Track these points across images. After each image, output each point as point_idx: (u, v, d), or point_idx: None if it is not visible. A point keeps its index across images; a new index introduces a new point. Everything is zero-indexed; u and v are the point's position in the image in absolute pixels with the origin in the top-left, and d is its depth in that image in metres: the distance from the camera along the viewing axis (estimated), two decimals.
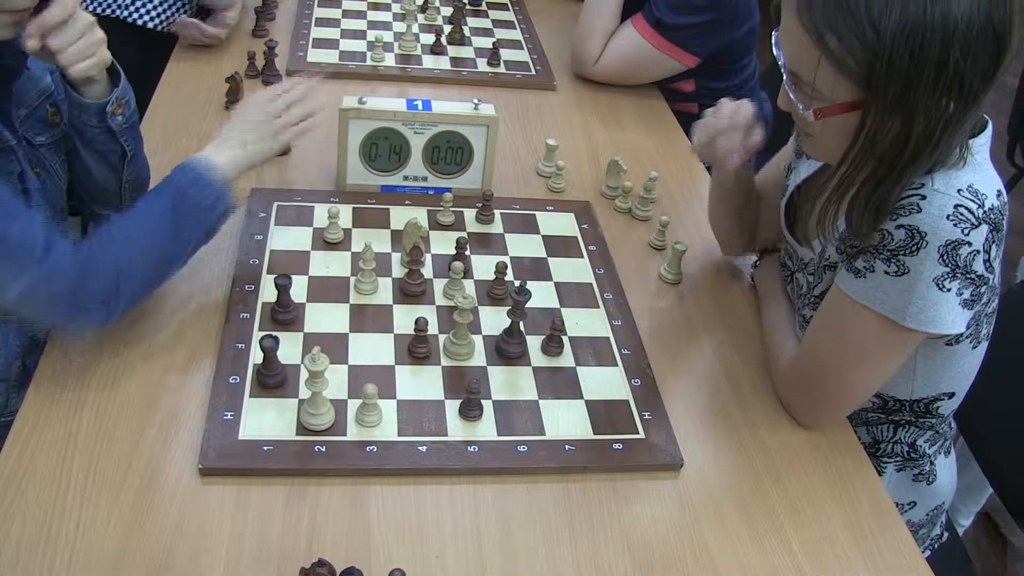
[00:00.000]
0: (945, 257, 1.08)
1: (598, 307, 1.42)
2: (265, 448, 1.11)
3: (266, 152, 1.37)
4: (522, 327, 1.32)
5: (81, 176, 1.37)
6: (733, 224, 1.51)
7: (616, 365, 1.31)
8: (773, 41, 1.15)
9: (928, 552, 1.43)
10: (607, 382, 1.28)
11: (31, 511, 1.02)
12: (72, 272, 1.11)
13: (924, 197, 1.08)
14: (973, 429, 1.60)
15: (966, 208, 1.07)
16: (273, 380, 1.19)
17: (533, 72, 2.13)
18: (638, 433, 1.21)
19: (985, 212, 1.08)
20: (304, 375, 1.16)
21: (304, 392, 1.17)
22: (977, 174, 1.11)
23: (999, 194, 1.12)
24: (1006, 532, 2.34)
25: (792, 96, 1.14)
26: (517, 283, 1.30)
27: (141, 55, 1.92)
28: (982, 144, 1.14)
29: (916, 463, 1.35)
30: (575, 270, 1.47)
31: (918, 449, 1.34)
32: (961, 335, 1.19)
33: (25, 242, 1.08)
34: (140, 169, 1.41)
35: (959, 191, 1.08)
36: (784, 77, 1.14)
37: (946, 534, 1.47)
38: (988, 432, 1.59)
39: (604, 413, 1.23)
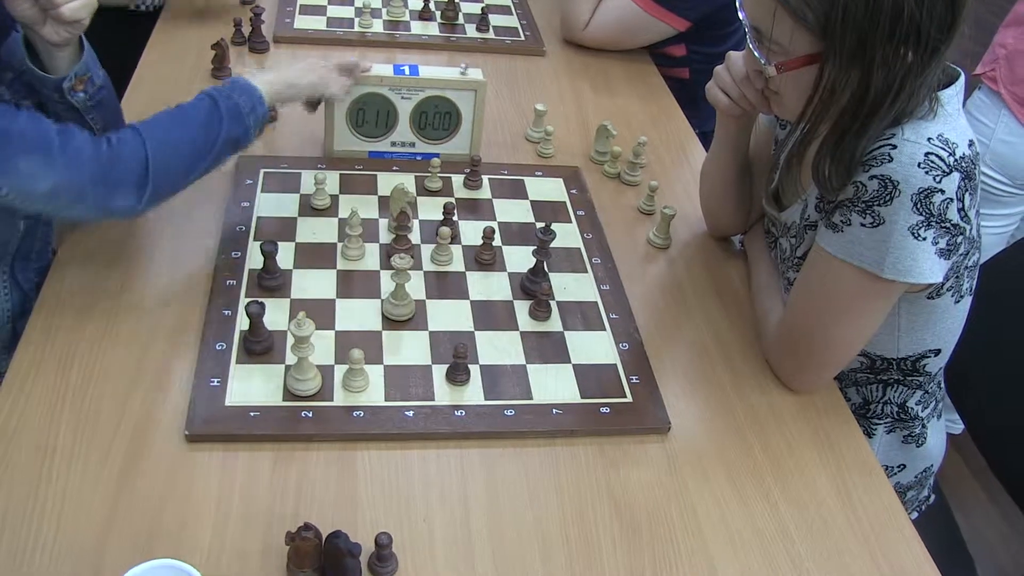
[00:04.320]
0: (919, 205, 1.08)
1: (586, 272, 1.41)
2: (252, 414, 1.11)
3: (307, 89, 1.44)
4: (546, 267, 1.34)
5: None
6: (730, 195, 1.48)
7: (604, 329, 1.31)
8: (738, 3, 1.17)
9: (915, 514, 1.44)
10: (595, 346, 1.28)
11: (17, 478, 1.02)
12: (96, 156, 1.14)
13: (895, 147, 1.09)
14: (960, 391, 1.60)
15: (937, 156, 1.08)
16: (260, 346, 1.19)
17: (522, 37, 2.11)
18: (626, 397, 1.21)
19: (956, 160, 1.09)
20: (290, 341, 1.16)
21: (290, 358, 1.16)
22: (947, 125, 1.11)
23: (971, 144, 1.12)
24: None
25: (756, 53, 1.16)
26: (542, 224, 1.36)
27: (130, 31, 1.91)
28: (951, 96, 1.15)
29: (907, 424, 1.35)
30: (563, 235, 1.46)
31: (909, 411, 1.34)
32: (941, 288, 1.20)
33: (39, 134, 1.11)
34: None
35: (929, 139, 1.09)
36: (748, 35, 1.16)
37: (933, 496, 1.47)
38: (976, 395, 1.60)
39: (592, 377, 1.23)
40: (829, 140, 1.14)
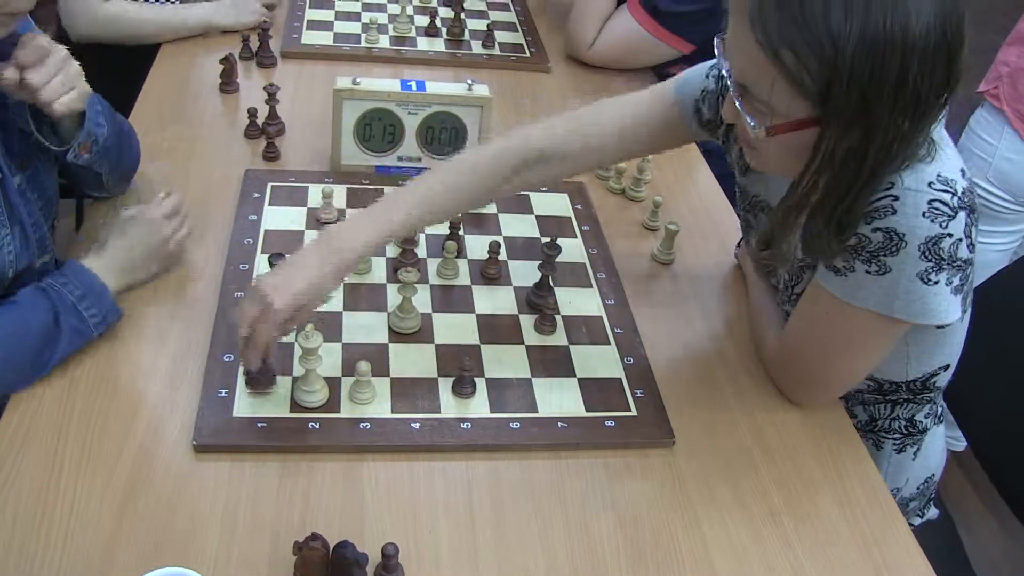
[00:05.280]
0: (927, 253, 1.06)
1: (591, 286, 1.42)
2: (259, 425, 1.12)
3: (152, 277, 1.31)
4: (551, 281, 1.35)
5: (65, 172, 1.37)
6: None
7: (609, 344, 1.32)
8: (717, 48, 1.09)
9: (917, 520, 1.44)
10: (600, 360, 1.29)
11: (26, 491, 1.03)
12: None
13: (897, 198, 1.05)
14: (963, 407, 1.61)
15: (940, 201, 1.05)
16: (264, 378, 1.17)
17: (528, 54, 2.13)
18: (630, 410, 1.22)
19: (959, 199, 1.06)
20: (298, 353, 1.16)
21: (298, 370, 1.17)
22: (941, 160, 1.08)
23: (963, 173, 1.10)
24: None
25: (740, 109, 1.06)
26: (547, 239, 1.35)
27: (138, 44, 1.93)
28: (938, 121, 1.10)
29: (915, 439, 1.35)
30: (569, 250, 1.47)
31: (917, 424, 1.34)
32: None
33: None
34: (125, 167, 1.43)
35: (930, 184, 1.05)
36: (731, 89, 1.07)
37: (935, 509, 1.47)
38: (979, 411, 1.60)
39: (596, 391, 1.24)
40: (823, 207, 1.08)
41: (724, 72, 1.08)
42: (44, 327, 1.14)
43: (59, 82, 1.16)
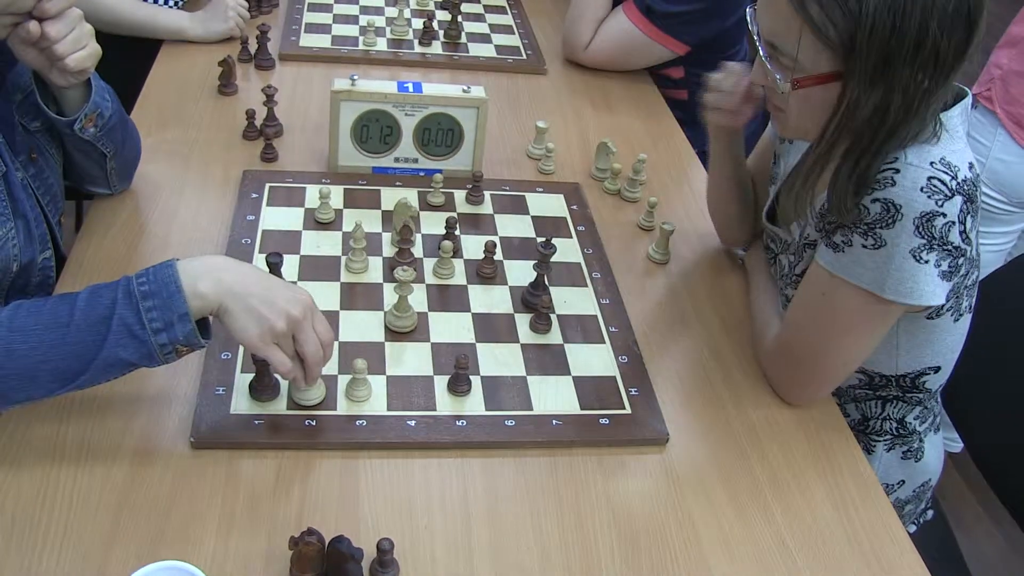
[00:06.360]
0: (921, 229, 1.09)
1: (586, 286, 1.43)
2: (256, 422, 1.13)
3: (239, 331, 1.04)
4: (547, 280, 1.36)
5: (68, 163, 1.38)
6: (734, 208, 1.50)
7: (604, 342, 1.33)
8: (748, 16, 1.17)
9: (913, 527, 1.45)
10: (594, 359, 1.30)
11: (24, 485, 1.03)
12: None
13: (898, 171, 1.10)
14: (959, 409, 1.61)
15: (939, 180, 1.09)
16: (265, 394, 1.16)
17: (524, 57, 2.14)
18: (624, 408, 1.22)
19: (959, 184, 1.10)
20: None
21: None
22: (950, 147, 1.12)
23: (971, 167, 1.13)
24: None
25: (769, 66, 1.15)
26: (543, 238, 1.38)
27: (140, 43, 1.93)
28: (955, 115, 1.16)
29: (906, 439, 1.36)
30: (564, 249, 1.48)
31: (907, 425, 1.35)
32: (941, 308, 1.21)
33: None
34: (127, 156, 1.44)
35: (932, 164, 1.10)
36: (760, 50, 1.15)
37: (931, 511, 1.48)
38: (975, 412, 1.61)
39: (591, 389, 1.24)
40: (846, 162, 1.13)
41: (754, 36, 1.16)
42: (97, 319, 0.99)
43: (73, 38, 1.18)
